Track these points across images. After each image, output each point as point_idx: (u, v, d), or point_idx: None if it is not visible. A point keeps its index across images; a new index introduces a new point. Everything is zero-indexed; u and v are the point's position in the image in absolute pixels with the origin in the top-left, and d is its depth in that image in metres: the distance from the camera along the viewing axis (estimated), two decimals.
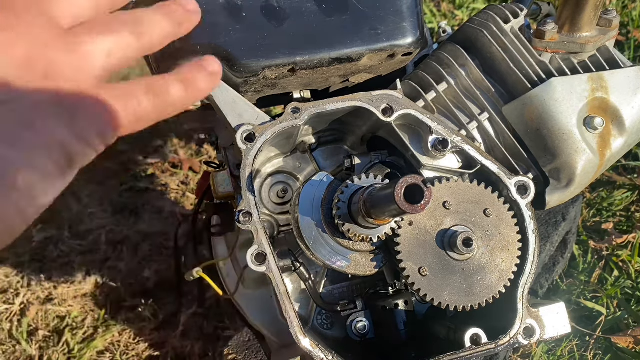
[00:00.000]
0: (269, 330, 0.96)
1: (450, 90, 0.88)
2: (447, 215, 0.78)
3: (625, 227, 1.72)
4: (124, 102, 0.47)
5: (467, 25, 0.90)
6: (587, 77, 0.84)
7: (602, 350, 1.46)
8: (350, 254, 0.81)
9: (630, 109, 0.85)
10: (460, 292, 0.76)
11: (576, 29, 0.85)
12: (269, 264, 0.75)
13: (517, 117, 0.86)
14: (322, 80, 0.90)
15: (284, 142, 0.88)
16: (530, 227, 0.81)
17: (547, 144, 0.84)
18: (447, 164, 0.84)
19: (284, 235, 0.92)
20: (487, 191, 0.80)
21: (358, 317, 0.86)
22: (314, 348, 0.74)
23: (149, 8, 0.53)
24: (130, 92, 0.48)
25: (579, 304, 1.55)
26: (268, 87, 0.88)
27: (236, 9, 0.79)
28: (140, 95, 0.48)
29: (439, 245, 0.77)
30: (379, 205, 0.67)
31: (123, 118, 0.47)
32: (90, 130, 0.45)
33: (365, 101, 0.81)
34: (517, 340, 0.78)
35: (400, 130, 0.84)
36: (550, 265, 1.58)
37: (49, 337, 1.67)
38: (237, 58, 0.79)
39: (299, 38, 0.81)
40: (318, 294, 0.89)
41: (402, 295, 0.85)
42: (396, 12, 0.83)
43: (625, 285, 1.56)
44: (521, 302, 0.79)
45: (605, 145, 0.85)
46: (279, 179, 0.94)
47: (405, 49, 0.84)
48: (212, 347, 1.61)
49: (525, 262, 0.80)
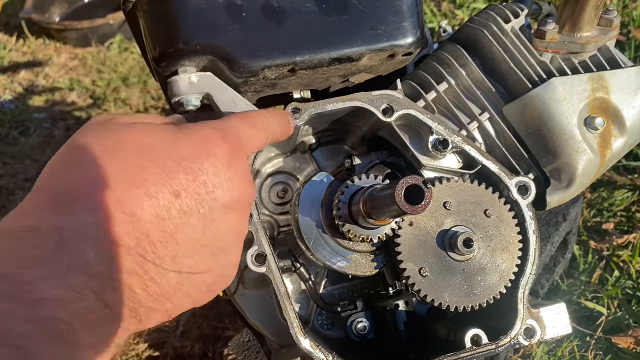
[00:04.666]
0: (268, 330, 0.96)
1: (450, 90, 0.88)
2: (447, 215, 0.78)
3: (626, 227, 1.72)
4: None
5: (468, 25, 0.90)
6: (588, 77, 0.84)
7: (603, 350, 1.46)
8: (351, 255, 0.80)
9: (631, 109, 0.85)
10: (460, 293, 0.76)
11: (577, 28, 0.85)
12: (268, 264, 0.75)
13: (518, 117, 0.85)
14: (322, 80, 0.90)
15: (284, 142, 0.87)
16: (530, 228, 0.80)
17: (547, 144, 0.84)
18: (447, 164, 0.84)
19: (284, 236, 0.91)
20: (488, 191, 0.80)
21: (358, 317, 0.86)
22: (314, 349, 0.74)
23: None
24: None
25: (579, 304, 1.54)
26: (268, 87, 0.88)
27: (236, 8, 0.79)
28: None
29: (439, 246, 0.77)
30: (379, 205, 0.67)
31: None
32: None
33: (365, 101, 0.81)
34: (518, 340, 0.77)
35: (401, 131, 0.84)
36: (550, 265, 1.58)
37: None
38: (236, 58, 0.79)
39: (298, 38, 0.81)
40: (318, 294, 0.88)
41: (403, 296, 0.85)
42: (396, 12, 0.83)
43: (626, 286, 1.56)
44: (522, 302, 0.78)
45: (606, 145, 0.85)
46: (279, 179, 0.93)
47: (405, 49, 0.84)
48: (212, 347, 1.61)
49: (526, 262, 0.79)
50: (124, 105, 2.61)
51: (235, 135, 0.58)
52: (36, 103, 2.71)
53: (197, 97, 0.81)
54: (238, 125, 0.60)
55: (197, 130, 0.55)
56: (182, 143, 0.52)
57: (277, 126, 0.70)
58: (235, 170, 0.55)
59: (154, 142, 0.51)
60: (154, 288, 0.47)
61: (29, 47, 3.10)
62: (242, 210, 0.58)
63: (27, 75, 2.90)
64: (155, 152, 0.50)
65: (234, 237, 0.57)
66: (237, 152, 0.57)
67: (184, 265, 0.50)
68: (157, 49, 0.79)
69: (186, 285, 0.51)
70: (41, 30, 3.11)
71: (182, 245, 0.50)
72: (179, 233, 0.49)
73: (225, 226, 0.54)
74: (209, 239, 0.53)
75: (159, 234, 0.47)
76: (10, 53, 3.07)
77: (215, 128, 0.56)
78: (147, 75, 2.75)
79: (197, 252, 0.51)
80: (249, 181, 0.59)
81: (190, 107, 0.81)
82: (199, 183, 0.51)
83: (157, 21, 0.79)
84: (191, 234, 0.50)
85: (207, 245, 0.53)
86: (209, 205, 0.52)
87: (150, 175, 0.48)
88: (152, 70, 0.87)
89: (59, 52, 3.03)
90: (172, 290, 0.50)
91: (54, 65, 2.94)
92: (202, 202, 0.51)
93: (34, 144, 2.50)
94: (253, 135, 0.62)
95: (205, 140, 0.54)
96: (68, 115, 2.61)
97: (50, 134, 2.53)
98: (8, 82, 2.86)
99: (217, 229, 0.53)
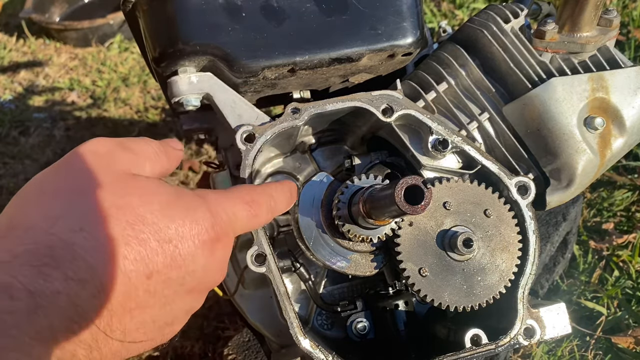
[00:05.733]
0: (268, 330, 0.96)
1: (450, 90, 0.88)
2: (447, 215, 0.78)
3: (626, 227, 1.72)
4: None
5: (468, 25, 0.90)
6: (588, 77, 0.84)
7: (603, 350, 1.46)
8: (350, 255, 0.80)
9: (631, 109, 0.85)
10: (460, 293, 0.76)
11: (576, 28, 0.85)
12: (268, 264, 0.75)
13: (518, 117, 0.85)
14: (322, 81, 0.90)
15: (284, 143, 0.87)
16: (530, 228, 0.80)
17: (547, 144, 0.84)
18: (447, 164, 0.84)
19: (283, 236, 0.91)
20: (488, 191, 0.80)
21: (358, 317, 0.86)
22: (314, 349, 0.74)
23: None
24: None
25: (579, 304, 1.54)
26: (268, 87, 0.88)
27: (236, 9, 0.79)
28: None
29: (439, 246, 0.77)
30: (379, 205, 0.67)
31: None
32: None
33: (365, 101, 0.81)
34: (518, 340, 0.77)
35: (401, 131, 0.84)
36: (550, 265, 1.58)
37: None
38: (236, 58, 0.79)
39: (298, 38, 0.81)
40: (318, 294, 0.88)
41: (402, 296, 0.85)
42: (396, 12, 0.83)
43: (626, 286, 1.56)
44: (521, 302, 0.78)
45: (606, 145, 0.85)
46: (278, 179, 0.93)
47: (405, 49, 0.84)
48: (212, 347, 1.61)
49: (526, 262, 0.79)
50: (124, 105, 2.60)
51: (229, 222, 0.56)
52: (36, 103, 2.71)
53: (197, 97, 0.81)
54: (240, 213, 0.57)
55: (191, 210, 0.53)
56: (171, 222, 0.50)
57: (283, 204, 0.66)
58: (213, 258, 0.54)
59: (146, 213, 0.49)
60: (95, 354, 0.47)
61: (29, 47, 3.10)
62: (204, 292, 0.57)
63: (27, 75, 2.90)
64: (144, 228, 0.48)
65: (185, 314, 0.56)
66: (223, 239, 0.55)
67: (130, 337, 0.50)
68: (157, 49, 0.79)
69: (124, 352, 0.51)
70: (41, 30, 3.11)
71: (135, 320, 0.49)
72: (137, 310, 0.49)
73: (181, 305, 0.54)
74: (160, 316, 0.52)
75: (120, 309, 0.47)
76: (10, 53, 3.07)
77: (211, 212, 0.54)
78: (147, 75, 2.75)
79: (147, 326, 0.51)
80: (223, 268, 0.57)
81: (190, 107, 0.81)
82: (174, 268, 0.50)
83: (156, 21, 0.79)
84: (147, 311, 0.50)
85: (157, 322, 0.52)
86: (174, 289, 0.51)
87: (130, 253, 0.47)
88: (152, 70, 0.87)
89: (59, 52, 3.03)
90: (110, 356, 0.49)
91: (54, 65, 2.94)
92: (169, 286, 0.51)
93: (34, 144, 2.50)
94: (252, 223, 0.60)
95: (196, 224, 0.52)
96: (68, 115, 2.61)
97: (50, 134, 2.53)
98: (8, 82, 2.86)
99: (172, 308, 0.53)
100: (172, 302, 0.52)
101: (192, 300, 0.56)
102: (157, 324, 0.53)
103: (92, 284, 0.45)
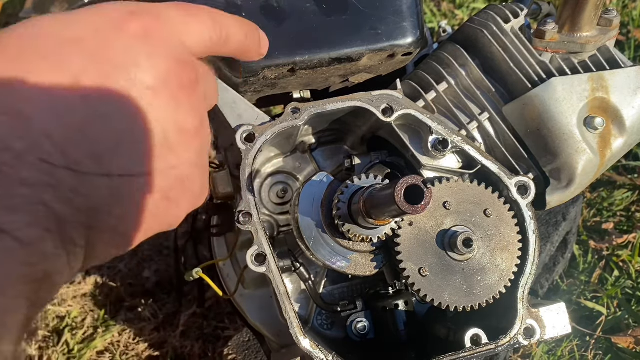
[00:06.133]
0: (268, 330, 0.96)
1: (450, 90, 0.88)
2: (447, 215, 0.78)
3: (626, 227, 1.72)
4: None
5: (468, 25, 0.90)
6: (588, 77, 0.84)
7: (603, 350, 1.46)
8: (350, 255, 0.80)
9: (631, 109, 0.85)
10: (460, 293, 0.76)
11: (576, 28, 0.85)
12: (268, 264, 0.75)
13: (518, 117, 0.85)
14: (322, 80, 0.90)
15: (284, 142, 0.87)
16: (530, 228, 0.80)
17: (547, 144, 0.84)
18: (447, 164, 0.84)
19: (283, 236, 0.91)
20: (488, 191, 0.80)
21: (358, 317, 0.86)
22: (314, 348, 0.74)
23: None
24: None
25: (579, 304, 1.54)
26: (268, 87, 0.88)
27: (236, 9, 0.79)
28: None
29: (439, 246, 0.77)
30: (379, 205, 0.67)
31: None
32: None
33: (365, 101, 0.81)
34: (518, 340, 0.77)
35: (400, 130, 0.84)
36: (550, 265, 1.58)
37: (48, 337, 1.67)
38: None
39: (298, 38, 0.81)
40: (318, 294, 0.88)
41: (402, 296, 0.85)
42: (396, 12, 0.83)
43: (626, 286, 1.56)
44: (521, 302, 0.78)
45: (606, 145, 0.85)
46: (278, 179, 0.93)
47: (405, 49, 0.84)
48: (212, 347, 1.61)
49: (526, 262, 0.79)
50: None
51: (156, 14, 0.46)
52: None
53: None
54: (164, 8, 0.47)
55: (96, 7, 0.44)
56: (75, 24, 0.42)
57: (238, 30, 0.54)
58: (155, 47, 0.44)
59: (41, 30, 0.40)
60: (79, 200, 0.38)
61: None
62: (176, 93, 0.45)
63: None
64: (39, 38, 0.40)
65: (175, 129, 0.45)
66: (157, 27, 0.45)
67: (114, 167, 0.40)
68: None
69: (126, 191, 0.42)
70: None
71: (102, 141, 0.40)
72: (90, 127, 0.39)
73: (155, 114, 0.43)
74: (137, 132, 0.42)
75: (63, 132, 0.38)
76: None
77: (123, 5, 0.45)
78: None
79: (128, 148, 0.41)
80: (183, 60, 0.46)
81: None
82: (103, 60, 0.41)
83: None
84: (108, 125, 0.40)
85: (140, 142, 0.42)
86: (123, 87, 0.41)
87: (32, 65, 0.38)
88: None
89: None
90: (108, 200, 0.40)
91: None
92: (112, 84, 0.41)
93: None
94: (189, 21, 0.48)
95: (108, 16, 0.43)
96: None
97: None
98: None
99: (143, 118, 0.42)
100: (138, 111, 0.43)
101: (164, 105, 0.44)
102: (143, 145, 0.43)
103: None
